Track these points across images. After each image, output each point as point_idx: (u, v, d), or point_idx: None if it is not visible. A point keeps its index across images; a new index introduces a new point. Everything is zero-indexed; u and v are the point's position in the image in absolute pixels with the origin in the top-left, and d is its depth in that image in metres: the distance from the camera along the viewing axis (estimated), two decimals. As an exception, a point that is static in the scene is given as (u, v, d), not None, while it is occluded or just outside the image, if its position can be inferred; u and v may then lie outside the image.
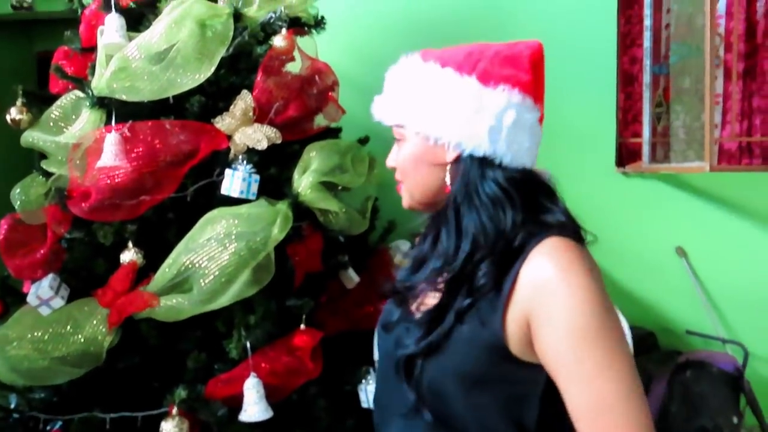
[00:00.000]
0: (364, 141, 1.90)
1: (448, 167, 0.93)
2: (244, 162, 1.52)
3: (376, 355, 1.52)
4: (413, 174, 0.95)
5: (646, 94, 2.32)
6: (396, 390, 0.93)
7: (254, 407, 1.44)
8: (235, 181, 1.50)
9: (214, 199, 1.57)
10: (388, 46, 2.35)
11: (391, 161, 1.00)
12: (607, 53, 2.35)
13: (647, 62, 2.32)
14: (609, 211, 2.35)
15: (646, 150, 2.30)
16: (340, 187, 1.77)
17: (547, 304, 0.83)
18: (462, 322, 0.87)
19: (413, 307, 0.97)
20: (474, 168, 0.91)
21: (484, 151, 0.90)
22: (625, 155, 2.43)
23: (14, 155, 1.73)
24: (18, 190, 1.68)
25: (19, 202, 1.67)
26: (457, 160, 0.92)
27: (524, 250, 0.87)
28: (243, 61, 1.67)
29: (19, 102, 1.61)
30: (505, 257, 0.88)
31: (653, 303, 2.33)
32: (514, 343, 0.86)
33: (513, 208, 0.90)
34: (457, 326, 0.87)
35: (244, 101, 1.54)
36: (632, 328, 2.19)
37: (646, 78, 2.32)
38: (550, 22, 2.36)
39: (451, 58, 0.93)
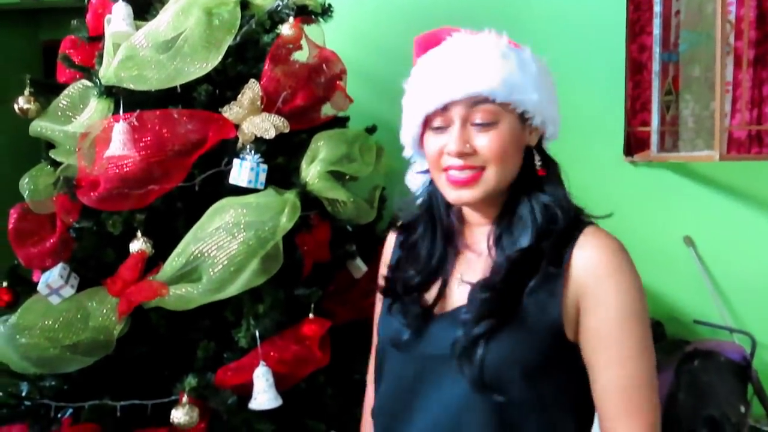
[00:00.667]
0: (371, 130, 1.89)
1: (534, 150, 0.96)
2: (252, 151, 1.52)
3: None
4: (511, 158, 0.93)
5: (655, 83, 2.30)
6: (431, 388, 0.93)
7: (264, 395, 1.44)
8: (243, 170, 1.50)
9: (222, 188, 1.57)
10: (396, 35, 2.33)
11: (466, 146, 0.91)
12: (616, 41, 2.33)
13: (656, 50, 2.30)
14: (617, 201, 2.29)
15: (654, 139, 2.29)
16: (347, 177, 1.77)
17: (601, 287, 0.88)
18: (523, 305, 0.90)
19: (436, 304, 0.98)
20: (545, 150, 0.99)
21: (550, 134, 0.98)
22: (634, 144, 2.41)
23: (23, 145, 1.73)
24: (27, 180, 1.68)
25: (28, 192, 1.67)
26: (539, 142, 0.98)
27: (572, 234, 0.92)
28: (250, 49, 1.66)
29: (26, 91, 1.61)
30: (563, 237, 0.92)
31: (661, 292, 2.32)
32: (569, 327, 0.91)
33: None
34: (520, 308, 0.90)
35: (252, 90, 1.53)
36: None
37: (655, 66, 2.30)
38: (559, 8, 2.34)
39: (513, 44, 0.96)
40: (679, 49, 2.35)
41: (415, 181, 1.09)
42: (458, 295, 0.97)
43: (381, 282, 1.09)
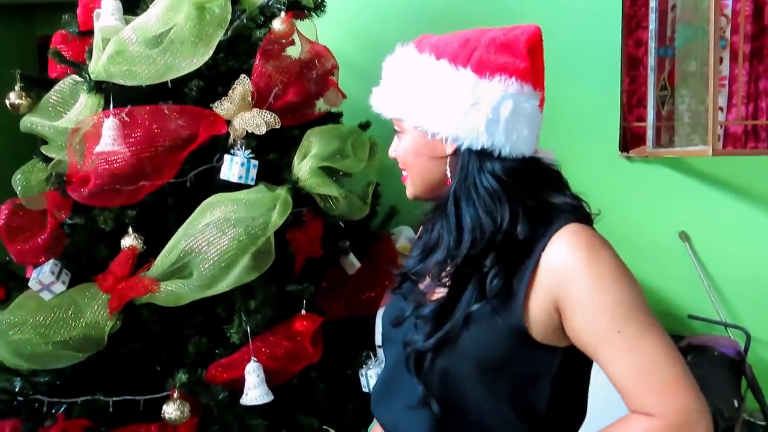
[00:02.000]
0: (365, 126, 1.88)
1: (448, 160, 0.93)
2: (243, 147, 1.51)
3: (378, 341, 1.52)
4: (415, 166, 0.96)
5: (651, 78, 2.29)
6: (404, 381, 0.93)
7: (255, 391, 1.44)
8: (233, 166, 1.49)
9: (214, 184, 1.56)
10: (389, 30, 2.34)
11: (392, 152, 1.01)
12: (612, 36, 2.32)
13: (652, 45, 2.29)
14: (612, 196, 2.33)
15: (650, 134, 2.28)
16: (341, 173, 1.76)
17: (575, 288, 0.84)
18: (472, 318, 0.88)
19: (421, 299, 0.96)
20: (472, 161, 0.92)
21: (482, 144, 0.90)
22: (630, 140, 2.41)
23: (15, 140, 1.72)
24: (19, 176, 1.68)
25: (20, 188, 1.67)
26: (456, 153, 0.92)
27: (541, 237, 0.88)
28: (242, 45, 1.66)
29: (17, 86, 1.60)
30: (512, 250, 0.88)
31: (656, 288, 2.32)
32: (537, 328, 0.87)
33: (511, 200, 0.90)
34: (468, 320, 0.88)
35: (243, 86, 1.53)
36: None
37: (651, 61, 2.29)
38: (554, 4, 2.33)
39: (447, 48, 0.92)
40: (675, 43, 2.34)
41: None
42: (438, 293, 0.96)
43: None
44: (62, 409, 1.55)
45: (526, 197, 0.91)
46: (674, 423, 0.79)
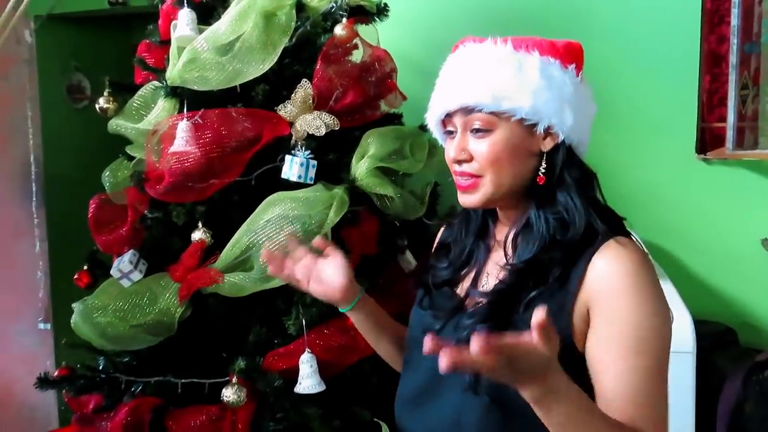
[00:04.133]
0: (425, 127, 1.90)
1: (545, 156, 0.95)
2: (303, 148, 1.59)
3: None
4: (508, 165, 0.93)
5: (732, 76, 2.17)
6: (443, 387, 0.95)
7: (308, 380, 1.52)
8: (293, 166, 1.57)
9: (277, 182, 1.64)
10: (452, 31, 2.34)
11: (460, 153, 0.93)
12: (690, 33, 2.22)
13: (734, 41, 2.17)
14: (688, 200, 2.24)
15: (729, 135, 2.16)
16: (400, 173, 1.81)
17: (613, 304, 0.86)
18: (521, 315, 0.90)
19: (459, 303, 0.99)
20: (566, 157, 0.96)
21: (577, 140, 0.96)
22: (710, 141, 2.29)
23: (105, 141, 1.89)
24: (107, 173, 1.84)
25: (108, 184, 1.84)
26: (554, 149, 0.95)
27: (589, 245, 0.90)
28: (306, 50, 1.73)
29: (105, 92, 1.76)
30: (575, 249, 0.91)
31: (734, 297, 2.20)
32: (579, 338, 0.90)
33: (588, 198, 0.96)
34: (524, 316, 0.89)
35: (304, 89, 1.60)
36: (709, 323, 2.09)
37: (733, 58, 2.17)
38: (626, 1, 2.26)
39: (545, 48, 0.94)
40: (761, 39, 2.21)
41: None
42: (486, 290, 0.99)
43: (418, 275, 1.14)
44: (138, 387, 1.68)
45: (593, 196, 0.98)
46: None
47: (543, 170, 0.94)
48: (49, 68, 2.98)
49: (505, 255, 0.97)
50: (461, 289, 1.02)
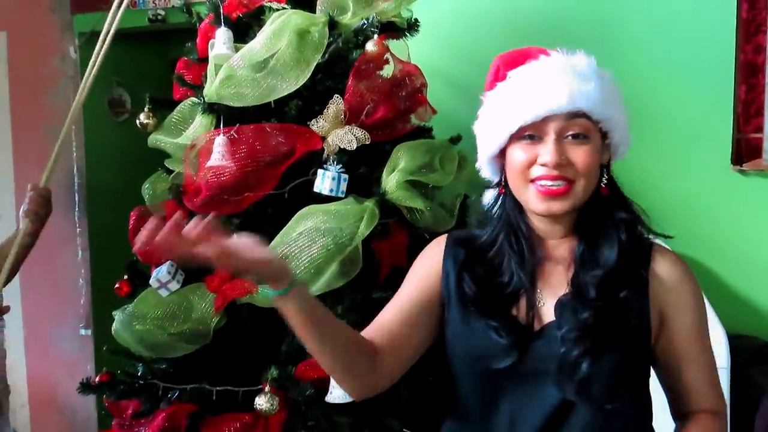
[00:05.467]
0: (455, 140, 1.93)
1: (605, 168, 1.01)
2: (335, 162, 1.62)
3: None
4: (595, 173, 0.98)
5: (769, 86, 2.14)
6: (523, 404, 0.97)
7: (338, 390, 1.54)
8: (325, 179, 1.61)
9: (309, 196, 1.68)
10: (483, 44, 2.36)
11: (562, 157, 0.94)
12: (725, 42, 2.19)
13: (771, 50, 2.14)
14: (723, 212, 2.20)
15: (766, 146, 2.13)
16: (430, 185, 1.83)
17: (682, 294, 1.00)
18: (618, 319, 0.96)
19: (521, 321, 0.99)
20: (611, 170, 1.04)
21: (620, 156, 1.04)
22: (746, 152, 2.25)
23: (145, 155, 1.96)
24: (147, 186, 1.91)
25: (147, 196, 1.90)
26: (609, 162, 1.03)
27: (646, 246, 1.02)
28: (339, 66, 1.77)
29: (146, 108, 1.83)
30: (643, 254, 1.01)
31: (772, 311, 2.16)
32: (654, 335, 1.00)
33: None
34: (616, 323, 0.96)
35: (336, 105, 1.64)
36: (746, 338, 2.05)
37: (770, 68, 2.14)
38: (661, 10, 2.24)
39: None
40: (800, 49, 2.17)
41: (488, 195, 1.10)
42: (546, 309, 0.99)
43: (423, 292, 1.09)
44: (175, 394, 1.74)
45: None
46: (725, 419, 1.05)
47: (605, 181, 1.00)
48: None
49: (571, 264, 1.01)
50: (517, 309, 1.00)
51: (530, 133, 0.96)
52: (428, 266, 1.09)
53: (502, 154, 1.01)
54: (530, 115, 0.94)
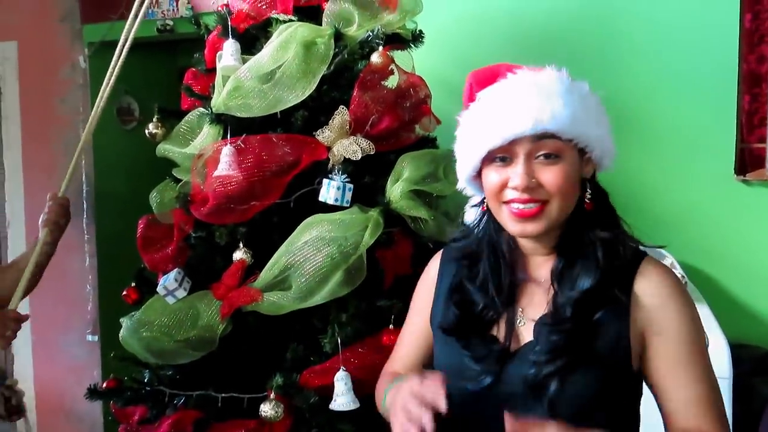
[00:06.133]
0: (459, 149, 1.95)
1: (587, 182, 1.00)
2: (340, 172, 1.64)
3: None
4: (572, 191, 0.95)
5: (772, 96, 2.15)
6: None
7: (342, 398, 1.56)
8: (330, 189, 1.63)
9: (315, 205, 1.70)
10: (487, 55, 2.37)
11: (532, 180, 0.92)
12: (728, 52, 2.21)
13: (774, 61, 2.15)
14: (727, 222, 2.21)
15: (770, 156, 2.14)
16: (434, 195, 1.84)
17: (666, 312, 0.94)
18: (592, 341, 0.94)
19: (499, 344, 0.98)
20: (597, 181, 1.03)
21: (606, 167, 1.02)
22: (749, 162, 2.26)
23: (153, 164, 1.99)
24: (155, 194, 1.94)
25: (155, 205, 1.93)
26: (594, 174, 1.01)
27: (632, 265, 0.97)
28: (344, 77, 1.79)
29: (155, 118, 1.86)
30: (625, 272, 0.97)
31: (776, 321, 2.16)
32: (635, 357, 0.96)
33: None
34: (589, 344, 0.94)
35: (341, 115, 1.66)
36: (749, 347, 2.05)
37: (773, 78, 2.15)
38: (660, 21, 2.26)
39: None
40: (803, 59, 2.18)
41: (470, 214, 1.12)
42: (525, 330, 0.99)
43: (426, 312, 1.11)
44: (181, 400, 1.75)
45: None
46: None
47: (589, 196, 0.98)
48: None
49: (552, 283, 0.98)
50: (498, 329, 1.00)
51: (501, 156, 0.94)
52: (425, 295, 1.14)
53: (479, 174, 1.00)
54: (498, 139, 0.93)
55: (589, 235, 0.97)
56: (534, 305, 1.00)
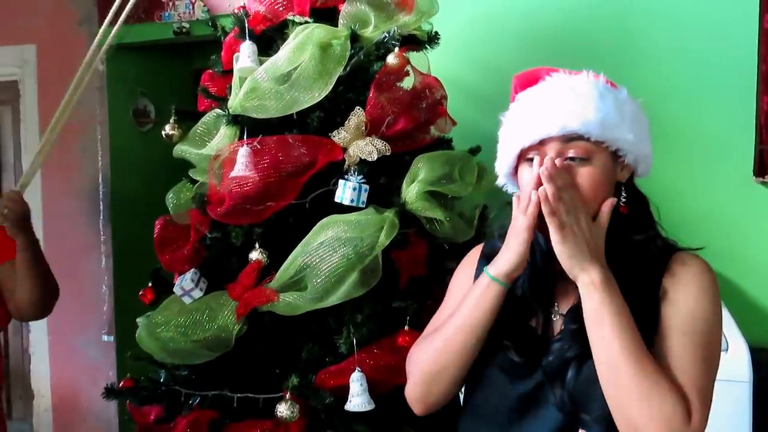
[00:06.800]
0: (475, 151, 1.95)
1: (623, 187, 1.01)
2: (356, 172, 1.65)
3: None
4: (601, 194, 0.96)
5: (792, 97, 2.12)
6: (533, 415, 0.99)
7: (358, 399, 1.56)
8: (346, 190, 1.63)
9: (330, 206, 1.71)
10: (502, 57, 2.38)
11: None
12: (747, 54, 2.19)
13: (794, 62, 2.13)
14: (746, 224, 2.19)
15: (790, 158, 2.11)
16: (450, 196, 1.84)
17: (686, 293, 0.95)
18: None
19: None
20: (636, 186, 1.05)
21: (643, 172, 1.04)
22: (769, 163, 2.24)
23: (170, 165, 2.00)
24: (171, 195, 1.95)
25: (171, 205, 1.94)
26: (630, 178, 1.03)
27: (660, 263, 0.98)
28: (360, 78, 1.79)
29: (171, 119, 1.87)
30: (654, 272, 0.98)
31: (796, 325, 2.13)
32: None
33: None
34: None
35: (357, 117, 1.66)
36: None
37: (792, 79, 2.13)
38: (680, 23, 2.24)
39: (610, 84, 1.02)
40: (823, 60, 2.15)
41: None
42: (558, 323, 1.03)
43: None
44: (196, 400, 1.76)
45: None
46: (697, 427, 0.88)
47: (624, 200, 1.00)
48: (117, 94, 3.17)
49: None
50: (536, 321, 1.04)
51: (533, 155, 0.97)
52: (464, 282, 1.15)
53: (516, 171, 1.04)
54: (528, 139, 0.97)
55: (621, 238, 0.99)
56: (567, 299, 1.03)
